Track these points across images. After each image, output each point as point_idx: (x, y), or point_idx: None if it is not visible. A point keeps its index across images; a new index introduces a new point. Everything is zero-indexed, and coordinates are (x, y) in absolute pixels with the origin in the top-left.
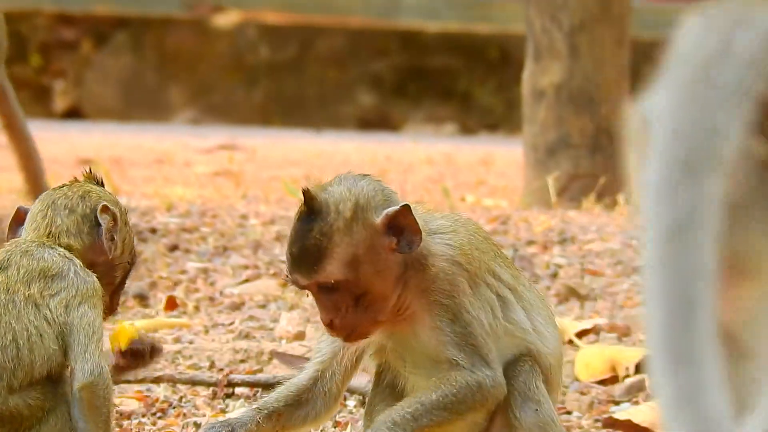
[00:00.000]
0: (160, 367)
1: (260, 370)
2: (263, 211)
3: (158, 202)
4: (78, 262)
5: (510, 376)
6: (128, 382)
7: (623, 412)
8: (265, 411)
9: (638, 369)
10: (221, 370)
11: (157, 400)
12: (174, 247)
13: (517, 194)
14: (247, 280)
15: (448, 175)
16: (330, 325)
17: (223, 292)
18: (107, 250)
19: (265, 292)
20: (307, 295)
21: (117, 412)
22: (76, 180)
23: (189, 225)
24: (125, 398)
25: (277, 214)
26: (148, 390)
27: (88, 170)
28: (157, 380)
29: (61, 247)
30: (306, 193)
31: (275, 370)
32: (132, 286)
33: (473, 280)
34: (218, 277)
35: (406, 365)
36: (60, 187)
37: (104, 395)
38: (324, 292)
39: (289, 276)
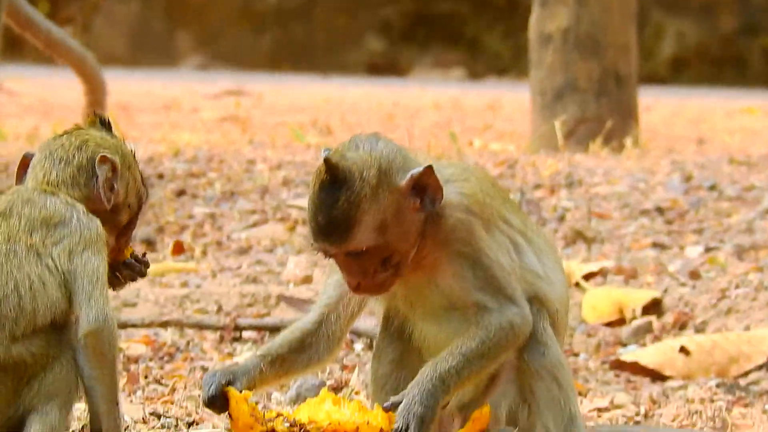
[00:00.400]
0: (167, 311)
1: (267, 314)
2: (270, 156)
3: (165, 147)
4: (81, 207)
5: None
6: (136, 326)
7: (630, 354)
8: (269, 357)
9: (645, 311)
10: (228, 314)
11: (164, 344)
12: (181, 192)
13: (524, 138)
14: (254, 225)
15: (456, 120)
16: (357, 288)
17: (230, 237)
18: (106, 200)
19: (272, 236)
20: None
21: (124, 356)
22: (78, 127)
23: (196, 170)
24: (132, 342)
25: (284, 159)
26: (156, 334)
27: (93, 114)
28: (164, 324)
29: (57, 189)
30: (328, 161)
31: (282, 313)
32: (139, 230)
33: (488, 226)
34: (225, 221)
35: (415, 312)
36: (60, 136)
37: (110, 341)
38: (352, 257)
39: (316, 244)
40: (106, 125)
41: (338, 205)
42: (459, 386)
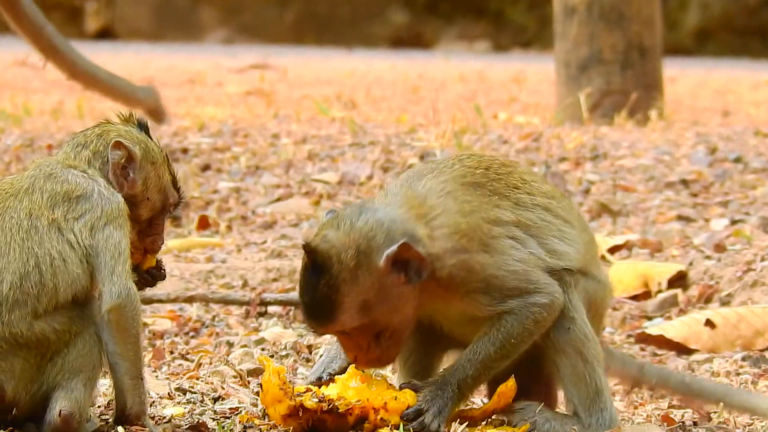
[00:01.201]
0: (192, 286)
1: (293, 289)
2: (295, 130)
3: (190, 122)
4: (102, 181)
5: None
6: (161, 301)
7: (655, 327)
8: None
9: (670, 284)
10: (254, 288)
11: (189, 319)
12: (206, 167)
13: (550, 111)
14: (279, 199)
15: (481, 93)
16: (355, 361)
17: (255, 211)
18: (117, 185)
19: (297, 210)
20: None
21: (150, 331)
22: (108, 121)
23: (221, 145)
24: (158, 318)
25: (309, 133)
26: (181, 309)
27: (127, 114)
28: (189, 300)
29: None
30: (306, 247)
31: None
32: None
33: (484, 244)
34: (250, 196)
35: (442, 322)
36: (87, 128)
37: (132, 316)
38: (344, 335)
39: (306, 324)
40: (142, 126)
41: (318, 289)
42: (477, 388)
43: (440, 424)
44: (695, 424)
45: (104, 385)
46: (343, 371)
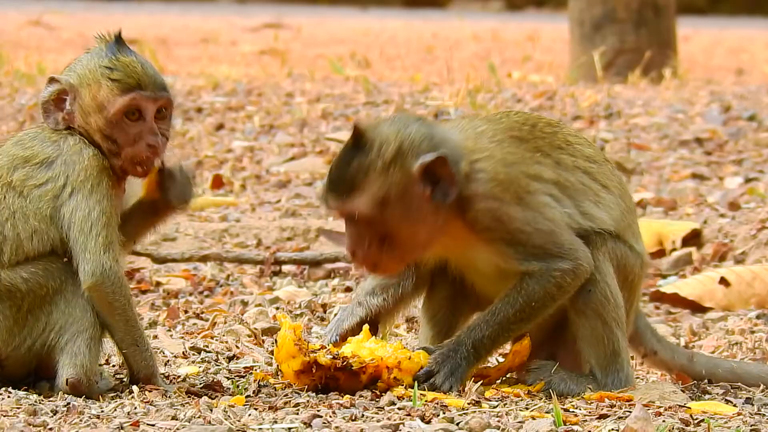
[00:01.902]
0: (207, 245)
1: (307, 248)
2: (309, 89)
3: (204, 81)
4: (71, 141)
5: None
6: (175, 261)
7: (670, 286)
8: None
9: (685, 243)
10: (268, 247)
11: (204, 278)
12: (220, 126)
13: (564, 70)
14: (293, 158)
15: (495, 52)
16: (353, 256)
17: (270, 170)
18: (53, 123)
19: (311, 169)
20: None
21: (164, 291)
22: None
23: (235, 104)
24: (172, 277)
25: (323, 92)
26: (195, 269)
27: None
28: (204, 259)
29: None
30: (356, 126)
31: (322, 247)
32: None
33: (518, 197)
34: (264, 155)
35: (470, 272)
36: None
37: (112, 291)
38: (351, 221)
39: (322, 194)
40: (120, 42)
41: (349, 167)
42: (493, 351)
43: (453, 384)
44: (710, 382)
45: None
46: (356, 329)
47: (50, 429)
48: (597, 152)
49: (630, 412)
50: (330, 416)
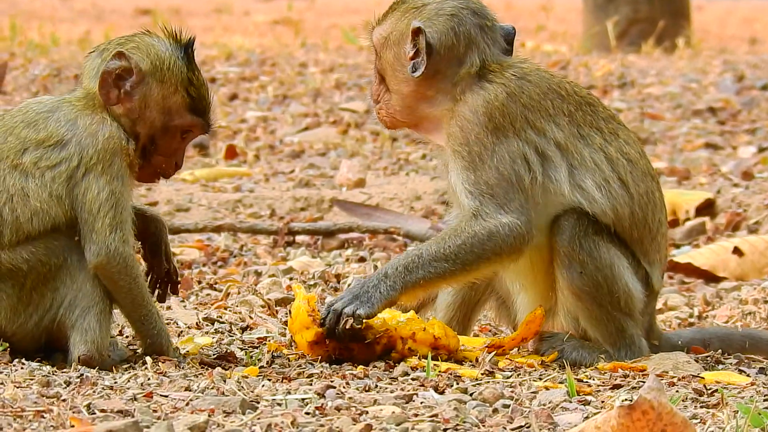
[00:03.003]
0: (220, 216)
1: (320, 218)
2: (323, 59)
3: (217, 51)
4: (86, 120)
5: (554, 232)
6: (189, 231)
7: (683, 255)
8: None
9: (698, 212)
10: (282, 218)
11: (217, 249)
12: (233, 96)
13: (577, 39)
14: (306, 128)
15: (508, 21)
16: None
17: (283, 141)
18: (103, 94)
19: (325, 139)
20: (375, 139)
21: (178, 261)
22: (146, 32)
23: (248, 74)
24: (186, 248)
25: (337, 62)
26: (209, 239)
27: (171, 29)
28: (217, 229)
29: (82, 90)
30: None
31: (336, 217)
32: None
33: (498, 131)
34: (278, 125)
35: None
36: (121, 36)
37: (118, 272)
38: (378, 76)
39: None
40: (187, 47)
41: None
42: (414, 287)
43: (357, 308)
44: (723, 352)
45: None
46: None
47: (63, 400)
48: (642, 154)
49: (643, 382)
50: (343, 387)
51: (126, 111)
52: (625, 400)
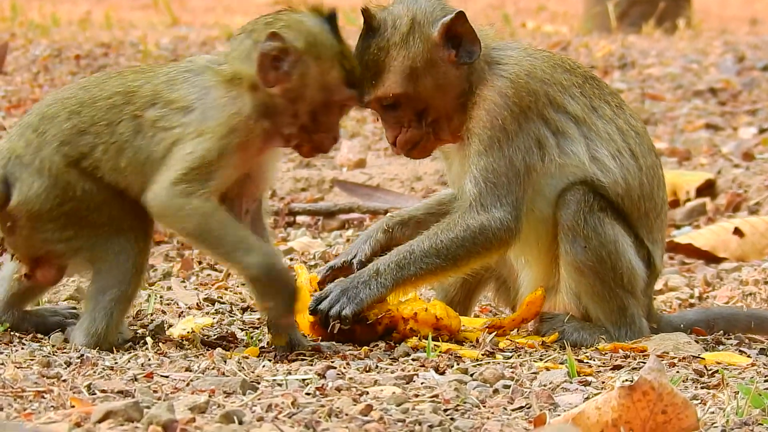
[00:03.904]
0: None
1: (321, 199)
2: None
3: (218, 31)
4: (216, 95)
5: (559, 206)
6: None
7: (684, 236)
8: (398, 217)
9: (699, 193)
10: (282, 198)
11: None
12: None
13: (578, 20)
14: None
15: (509, 2)
16: (394, 143)
17: None
18: (263, 79)
19: None
20: (376, 119)
21: (178, 241)
22: (289, 9)
23: None
24: None
25: None
26: None
27: (313, 3)
28: None
29: (229, 69)
30: (365, 11)
31: (336, 198)
32: None
33: (523, 114)
34: None
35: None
36: (266, 14)
37: (175, 220)
38: (387, 109)
39: (352, 92)
40: (330, 19)
41: (369, 52)
42: (405, 283)
43: (343, 309)
44: (724, 333)
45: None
46: (370, 258)
47: (64, 381)
48: (643, 128)
49: (644, 363)
50: (344, 367)
51: (284, 91)
52: (626, 380)
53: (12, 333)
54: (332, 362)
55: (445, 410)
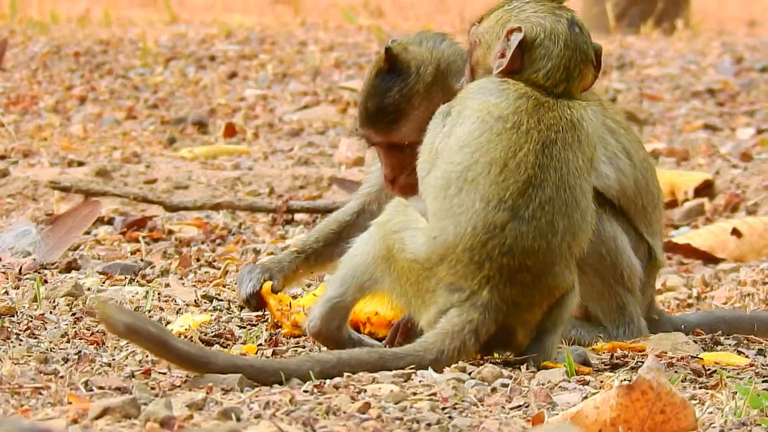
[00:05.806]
0: (219, 193)
1: (319, 196)
2: (322, 37)
3: (217, 29)
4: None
5: None
6: (187, 209)
7: (682, 236)
8: (304, 254)
9: (697, 193)
10: (280, 196)
11: (216, 226)
12: (233, 74)
13: None
14: (305, 107)
15: None
16: (392, 182)
17: (282, 119)
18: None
19: (324, 118)
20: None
21: (176, 239)
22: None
23: (248, 52)
24: (184, 225)
25: (336, 41)
26: (207, 217)
27: None
28: (216, 207)
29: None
30: (389, 51)
31: (334, 195)
32: (191, 113)
33: None
34: (277, 103)
35: None
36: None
37: None
38: (393, 150)
39: (360, 130)
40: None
41: (390, 95)
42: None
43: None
44: (723, 334)
45: (130, 292)
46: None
47: (61, 377)
48: (627, 123)
49: (642, 362)
50: None
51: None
52: (624, 380)
53: (9, 329)
54: None
55: (443, 408)
